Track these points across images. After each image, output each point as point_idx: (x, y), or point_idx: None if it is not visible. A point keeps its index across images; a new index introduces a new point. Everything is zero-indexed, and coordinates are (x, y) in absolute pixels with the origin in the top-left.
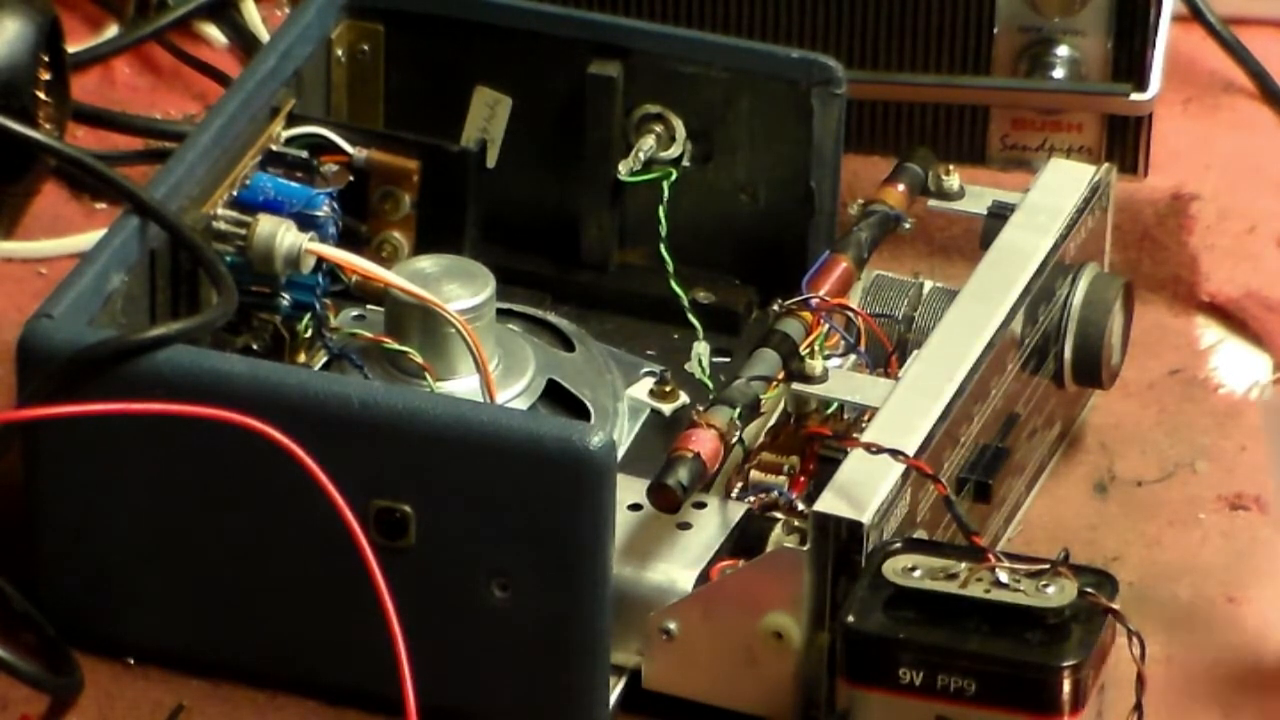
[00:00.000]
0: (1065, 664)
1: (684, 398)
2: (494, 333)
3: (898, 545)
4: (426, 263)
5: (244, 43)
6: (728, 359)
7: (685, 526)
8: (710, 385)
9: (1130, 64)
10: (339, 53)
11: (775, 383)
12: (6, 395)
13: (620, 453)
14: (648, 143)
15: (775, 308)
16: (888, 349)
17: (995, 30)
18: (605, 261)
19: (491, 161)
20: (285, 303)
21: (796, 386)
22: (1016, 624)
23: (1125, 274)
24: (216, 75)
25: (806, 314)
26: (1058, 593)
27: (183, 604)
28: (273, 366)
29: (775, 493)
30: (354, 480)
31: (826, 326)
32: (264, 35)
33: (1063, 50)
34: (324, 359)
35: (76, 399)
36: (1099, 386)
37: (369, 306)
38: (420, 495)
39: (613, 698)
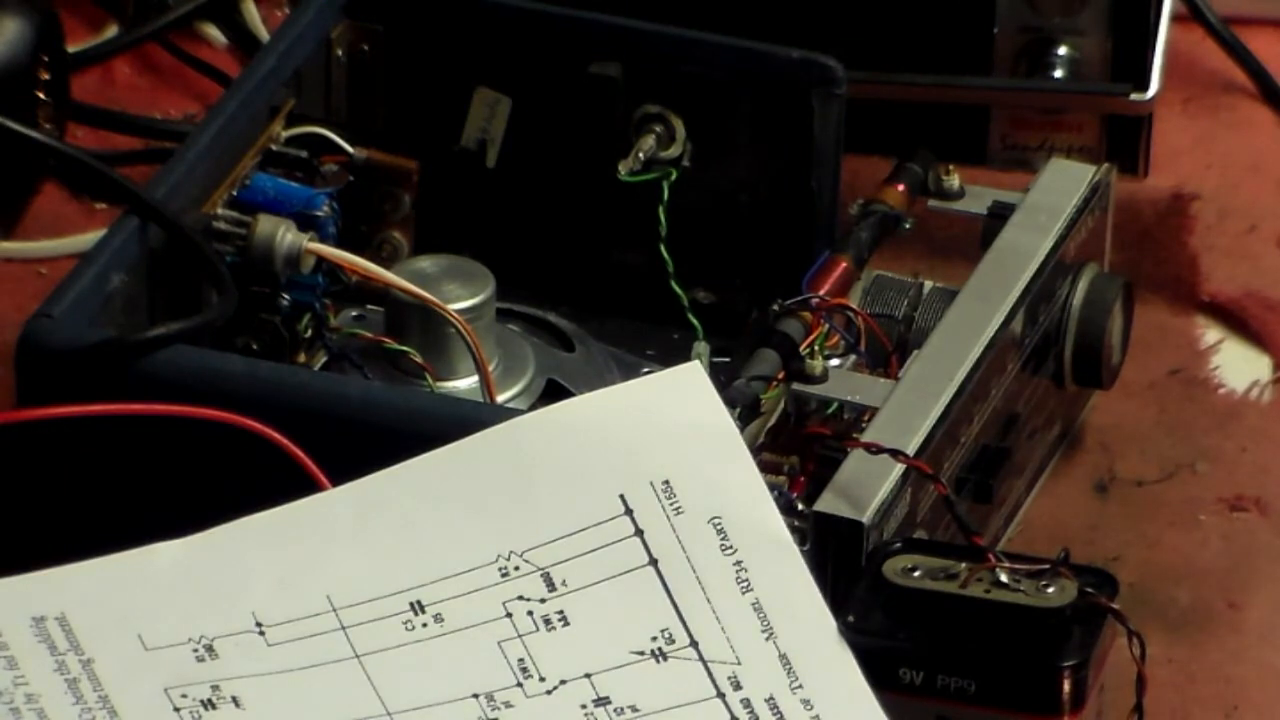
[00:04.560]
0: (1065, 664)
1: None
2: (494, 333)
3: (898, 545)
4: (426, 263)
5: (244, 43)
6: (728, 359)
7: None
8: None
9: (1130, 64)
10: (339, 53)
11: (775, 383)
12: (6, 395)
13: None
14: (648, 143)
15: (775, 308)
16: (888, 349)
17: (995, 30)
18: (605, 261)
19: (491, 161)
20: (285, 303)
21: (796, 386)
22: (1016, 624)
23: (1125, 274)
24: (216, 75)
25: (806, 314)
26: (1058, 593)
27: None
28: (273, 366)
29: (775, 493)
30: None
31: (826, 326)
32: (264, 35)
33: (1063, 50)
34: (324, 359)
35: (76, 399)
36: (1099, 386)
37: (369, 306)
38: None
39: None
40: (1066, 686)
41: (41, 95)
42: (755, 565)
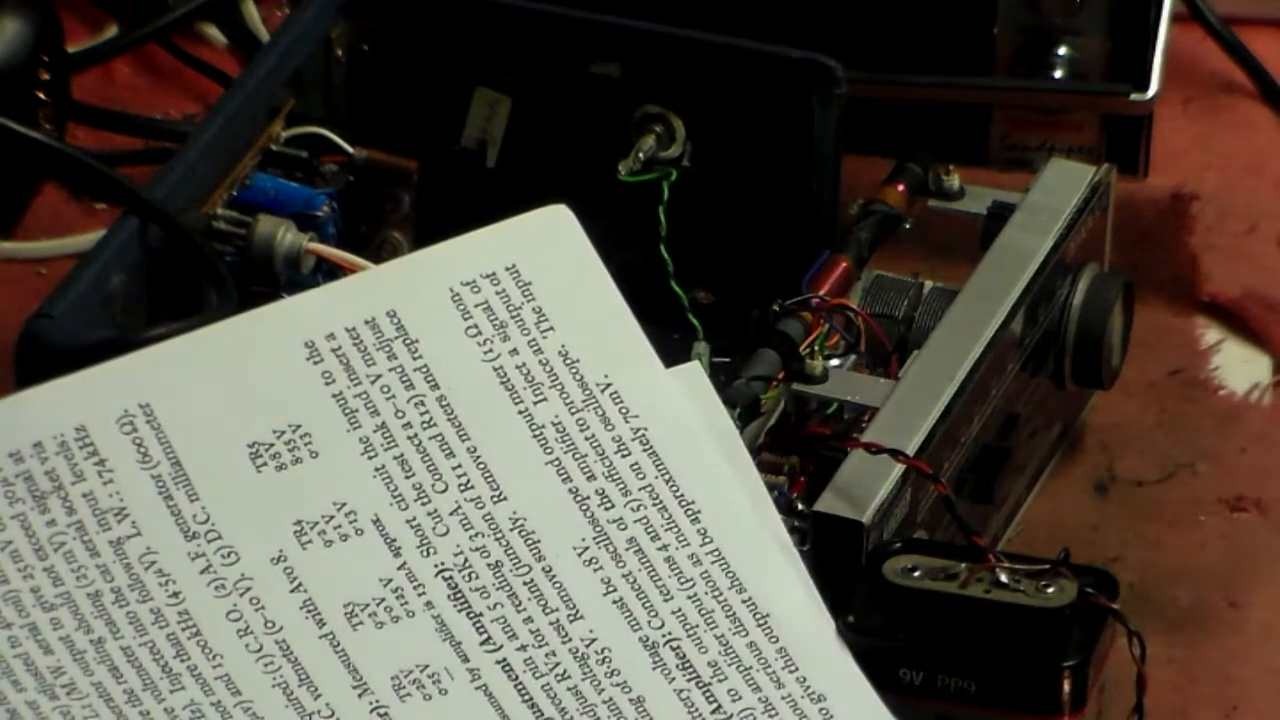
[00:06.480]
0: (1065, 664)
1: None
2: None
3: (898, 545)
4: None
5: (244, 43)
6: (728, 359)
7: None
8: None
9: (1130, 64)
10: (339, 53)
11: (775, 383)
12: (6, 395)
13: None
14: (648, 143)
15: (775, 308)
16: (888, 349)
17: (995, 30)
18: (605, 261)
19: (491, 161)
20: None
21: (796, 386)
22: (1016, 624)
23: (1125, 274)
24: (216, 75)
25: (806, 314)
26: (1058, 593)
27: None
28: None
29: (775, 493)
30: None
31: (826, 326)
32: (264, 35)
33: (1063, 50)
34: None
35: None
36: (1099, 386)
37: None
38: None
39: None
40: (1066, 687)
41: (41, 95)
42: (750, 565)
